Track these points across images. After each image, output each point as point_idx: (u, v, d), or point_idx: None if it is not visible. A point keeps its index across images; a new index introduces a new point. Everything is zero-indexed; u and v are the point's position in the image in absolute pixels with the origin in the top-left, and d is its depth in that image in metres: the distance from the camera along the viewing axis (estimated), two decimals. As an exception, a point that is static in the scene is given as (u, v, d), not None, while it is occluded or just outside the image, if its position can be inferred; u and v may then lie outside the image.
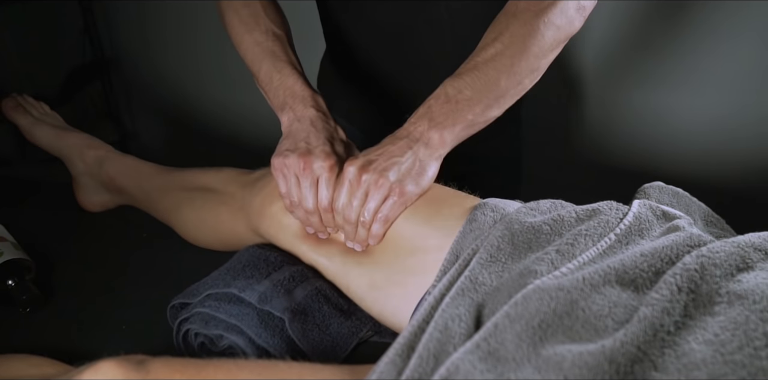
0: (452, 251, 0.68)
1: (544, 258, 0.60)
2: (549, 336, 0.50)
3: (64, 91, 1.53)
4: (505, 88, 0.77)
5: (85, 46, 1.54)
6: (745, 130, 1.32)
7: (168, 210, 1.00)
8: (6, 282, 0.87)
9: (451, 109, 0.75)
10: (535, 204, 0.71)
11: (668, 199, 0.76)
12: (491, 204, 0.72)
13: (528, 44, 0.77)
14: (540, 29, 0.77)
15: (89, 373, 0.58)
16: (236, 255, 0.85)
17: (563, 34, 0.80)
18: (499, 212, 0.71)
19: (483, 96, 0.76)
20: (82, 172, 1.11)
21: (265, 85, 0.85)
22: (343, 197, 0.73)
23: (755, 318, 0.48)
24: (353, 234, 0.75)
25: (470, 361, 0.49)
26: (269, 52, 0.86)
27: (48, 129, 1.15)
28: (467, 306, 0.57)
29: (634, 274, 0.56)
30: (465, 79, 0.76)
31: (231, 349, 0.74)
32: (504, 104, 0.79)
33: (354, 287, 0.76)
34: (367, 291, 0.75)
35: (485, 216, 0.70)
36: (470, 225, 0.70)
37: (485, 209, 0.71)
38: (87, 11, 1.51)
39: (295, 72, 0.84)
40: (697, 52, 1.29)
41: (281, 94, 0.83)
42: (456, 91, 0.76)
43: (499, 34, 0.78)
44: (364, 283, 0.75)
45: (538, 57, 0.78)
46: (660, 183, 0.79)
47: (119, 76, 1.63)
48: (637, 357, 0.47)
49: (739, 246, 0.58)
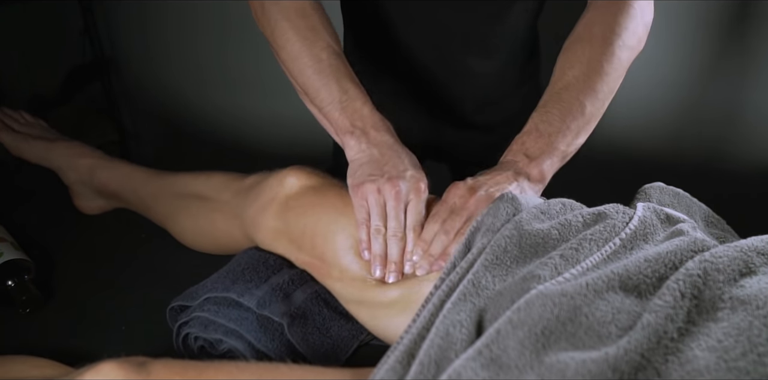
0: (465, 242, 0.67)
1: (548, 262, 0.60)
2: (552, 343, 0.50)
3: (64, 91, 1.53)
4: (591, 114, 0.78)
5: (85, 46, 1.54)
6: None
7: (164, 216, 1.00)
8: (6, 283, 0.87)
9: (545, 143, 0.76)
10: (546, 207, 0.69)
11: (669, 200, 0.76)
12: (510, 196, 0.70)
13: (607, 68, 0.78)
14: (616, 53, 0.79)
15: (90, 374, 0.58)
16: (235, 258, 0.85)
17: (635, 53, 0.82)
18: (517, 207, 0.69)
19: (572, 125, 0.77)
20: (75, 181, 1.09)
21: (327, 105, 0.79)
22: (436, 226, 0.71)
23: (759, 323, 0.48)
24: (427, 266, 0.71)
25: (472, 368, 0.48)
26: (333, 70, 0.80)
27: (34, 143, 1.12)
28: (469, 311, 0.56)
29: (637, 280, 0.56)
30: (552, 111, 0.77)
31: (231, 353, 0.74)
32: (590, 129, 0.80)
33: (354, 314, 0.76)
34: (368, 320, 0.74)
35: (501, 208, 0.68)
36: (486, 216, 0.68)
37: (503, 201, 0.69)
38: (87, 11, 1.51)
39: (362, 94, 0.79)
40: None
41: (348, 116, 0.78)
42: (546, 124, 0.77)
43: (576, 60, 0.80)
44: (364, 313, 0.74)
45: (616, 79, 0.80)
46: (660, 183, 0.79)
47: (119, 76, 1.63)
48: (641, 364, 0.47)
49: (742, 251, 0.58)
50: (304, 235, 0.78)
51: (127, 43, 1.62)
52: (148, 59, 1.65)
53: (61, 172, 1.11)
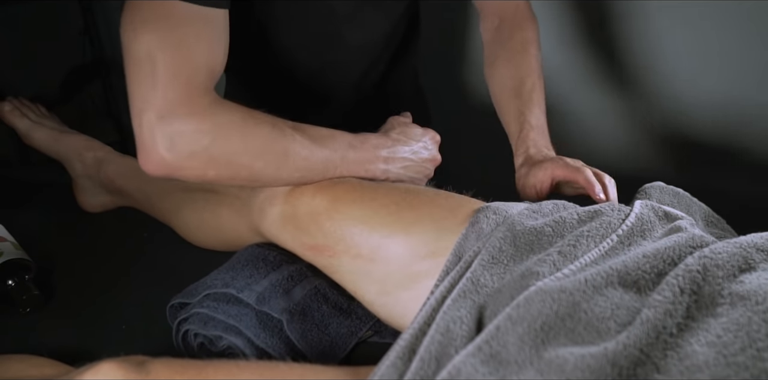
0: (454, 253, 0.68)
1: (546, 259, 0.60)
2: (551, 339, 0.50)
3: (64, 91, 1.53)
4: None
5: (85, 46, 1.53)
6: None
7: (168, 211, 1.00)
8: (6, 283, 0.87)
9: (543, 132, 0.93)
10: (537, 207, 0.71)
11: (669, 199, 0.76)
12: (494, 207, 0.72)
13: (537, 58, 1.00)
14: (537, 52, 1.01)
15: (90, 374, 0.58)
16: (236, 255, 0.85)
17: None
18: (502, 215, 0.71)
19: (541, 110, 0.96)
20: (82, 174, 1.10)
21: (311, 154, 0.75)
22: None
23: (758, 319, 0.48)
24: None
25: (472, 364, 0.49)
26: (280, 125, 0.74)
27: (46, 131, 1.15)
28: (468, 308, 0.57)
29: (636, 276, 0.56)
30: (535, 108, 0.94)
31: (230, 349, 0.74)
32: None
33: (362, 293, 0.75)
34: (375, 297, 0.74)
35: (488, 218, 0.70)
36: (473, 228, 0.70)
37: (488, 212, 0.71)
38: (87, 11, 1.51)
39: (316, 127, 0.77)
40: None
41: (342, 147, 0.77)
42: (536, 119, 0.93)
43: (527, 71, 0.98)
44: (372, 290, 0.74)
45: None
46: (660, 183, 0.79)
47: (119, 76, 1.62)
48: (640, 359, 0.47)
49: (742, 247, 0.58)
50: (310, 215, 0.77)
51: (126, 43, 1.62)
52: (148, 59, 1.64)
53: (69, 164, 1.12)
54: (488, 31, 1.05)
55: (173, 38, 0.67)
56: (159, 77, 0.66)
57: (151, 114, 0.67)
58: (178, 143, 0.67)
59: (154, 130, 0.67)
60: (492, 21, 1.05)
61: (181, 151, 0.67)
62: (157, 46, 0.66)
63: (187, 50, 0.68)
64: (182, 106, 0.67)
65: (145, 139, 0.68)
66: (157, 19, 0.67)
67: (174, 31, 0.67)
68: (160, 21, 0.67)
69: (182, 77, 0.67)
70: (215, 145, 0.69)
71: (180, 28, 0.67)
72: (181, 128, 0.67)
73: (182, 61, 0.67)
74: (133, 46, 0.67)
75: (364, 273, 0.74)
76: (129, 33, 0.68)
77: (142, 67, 0.67)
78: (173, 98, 0.67)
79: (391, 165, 0.82)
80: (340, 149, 0.77)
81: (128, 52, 0.68)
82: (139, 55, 0.67)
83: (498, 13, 1.04)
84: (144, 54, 0.67)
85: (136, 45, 0.67)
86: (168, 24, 0.67)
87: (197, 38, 0.69)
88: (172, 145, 0.67)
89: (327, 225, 0.74)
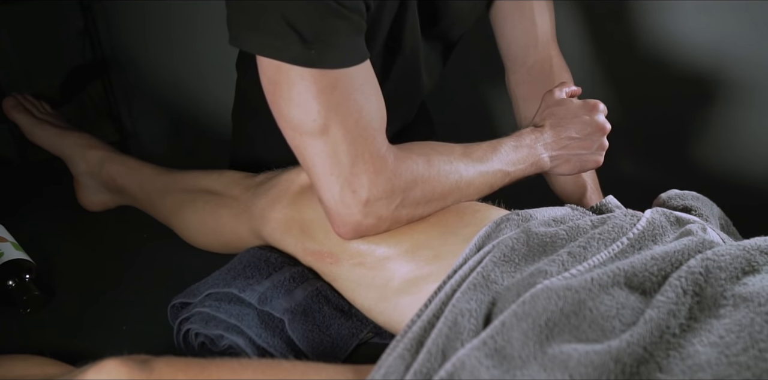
0: (474, 246, 0.68)
1: (556, 259, 0.61)
2: (555, 335, 0.50)
3: (65, 91, 1.53)
4: None
5: (85, 46, 1.54)
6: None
7: (169, 212, 1.00)
8: (6, 283, 0.87)
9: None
10: (560, 216, 0.72)
11: (691, 203, 0.79)
12: (523, 213, 0.73)
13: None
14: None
15: (93, 372, 0.58)
16: (237, 257, 0.85)
17: None
18: (526, 218, 0.72)
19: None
20: (83, 172, 1.10)
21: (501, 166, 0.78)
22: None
23: (760, 320, 0.49)
24: None
25: (476, 357, 0.49)
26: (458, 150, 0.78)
27: (49, 128, 1.15)
28: (478, 301, 0.57)
29: (643, 277, 0.56)
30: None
31: (231, 349, 0.74)
32: None
33: (360, 300, 0.76)
34: (374, 303, 0.74)
35: (509, 220, 0.71)
36: (496, 226, 0.70)
37: (513, 215, 0.72)
38: (87, 11, 1.51)
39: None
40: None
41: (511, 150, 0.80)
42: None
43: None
44: (371, 297, 0.74)
45: None
46: (677, 190, 0.81)
47: (119, 76, 1.63)
48: (643, 358, 0.47)
49: (745, 250, 0.59)
50: (318, 221, 0.78)
51: (127, 43, 1.62)
52: (148, 59, 1.65)
53: (71, 162, 1.12)
54: (520, 84, 1.01)
55: (345, 109, 0.66)
56: (343, 160, 0.67)
57: (348, 194, 0.69)
58: (372, 213, 0.70)
59: (351, 207, 0.69)
60: (520, 73, 1.01)
61: (377, 217, 0.71)
62: (337, 133, 0.66)
63: (358, 114, 0.67)
64: (373, 184, 0.68)
65: (339, 211, 0.70)
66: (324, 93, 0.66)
67: (346, 101, 0.66)
68: (326, 95, 0.66)
69: (366, 155, 0.68)
70: (404, 206, 0.72)
71: (351, 96, 0.67)
72: (376, 204, 0.69)
73: (360, 132, 0.67)
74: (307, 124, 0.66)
75: (365, 281, 0.74)
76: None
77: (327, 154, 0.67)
78: (363, 177, 0.68)
79: (557, 151, 0.82)
80: (505, 159, 0.79)
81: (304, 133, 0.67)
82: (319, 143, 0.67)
83: (526, 63, 1.00)
84: (329, 146, 0.67)
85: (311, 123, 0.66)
86: (337, 96, 0.66)
87: (367, 100, 0.68)
88: (366, 215, 0.70)
89: (334, 233, 0.74)
